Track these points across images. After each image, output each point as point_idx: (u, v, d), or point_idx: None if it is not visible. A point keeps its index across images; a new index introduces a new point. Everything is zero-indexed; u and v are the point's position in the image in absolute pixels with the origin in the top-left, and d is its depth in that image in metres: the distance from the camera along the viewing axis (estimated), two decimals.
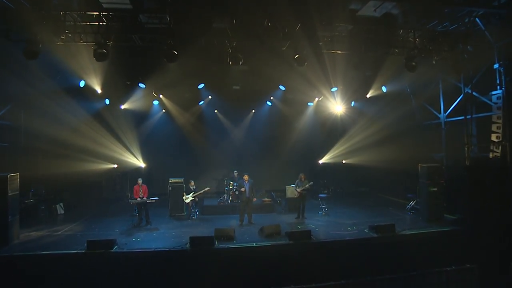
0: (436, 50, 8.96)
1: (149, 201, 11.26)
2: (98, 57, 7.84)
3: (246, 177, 11.60)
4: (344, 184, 17.58)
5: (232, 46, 8.35)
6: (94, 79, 11.85)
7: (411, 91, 13.67)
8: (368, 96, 13.66)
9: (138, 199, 11.24)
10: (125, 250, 8.45)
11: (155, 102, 15.04)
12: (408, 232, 9.81)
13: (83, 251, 8.16)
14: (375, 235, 9.59)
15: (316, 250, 9.04)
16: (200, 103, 15.38)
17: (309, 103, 15.80)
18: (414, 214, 12.09)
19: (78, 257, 8.10)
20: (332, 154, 16.11)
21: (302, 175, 12.11)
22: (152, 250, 8.53)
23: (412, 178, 14.21)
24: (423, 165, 11.51)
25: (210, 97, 14.66)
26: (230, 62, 8.53)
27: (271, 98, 15.15)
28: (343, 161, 16.61)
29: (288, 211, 13.04)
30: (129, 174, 15.55)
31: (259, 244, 9.09)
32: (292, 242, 9.15)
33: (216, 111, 16.12)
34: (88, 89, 12.21)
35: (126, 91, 13.40)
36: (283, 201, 14.09)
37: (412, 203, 12.50)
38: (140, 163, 15.19)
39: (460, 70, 9.75)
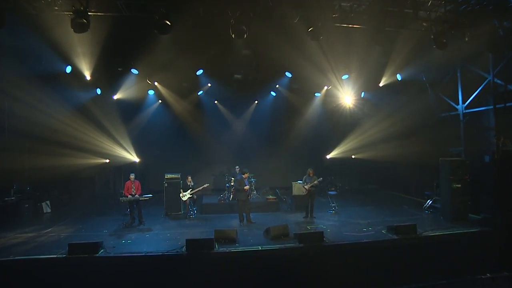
0: (469, 26, 7.84)
1: (142, 198, 10.22)
2: (77, 28, 6.75)
3: (246, 175, 10.64)
4: (352, 180, 16.58)
5: (235, 17, 7.24)
6: (83, 65, 10.76)
7: (427, 80, 12.58)
8: (381, 84, 12.55)
9: (130, 196, 10.21)
10: (112, 255, 7.41)
11: (150, 92, 13.98)
12: (431, 234, 8.77)
13: (64, 256, 7.12)
14: (395, 237, 8.56)
15: (329, 254, 8.07)
16: (199, 93, 14.31)
17: (316, 94, 14.73)
18: (432, 213, 11.06)
19: (57, 263, 7.07)
20: (341, 149, 15.05)
21: (310, 170, 11.13)
22: (143, 254, 7.50)
23: (427, 174, 13.37)
24: (445, 158, 10.44)
25: (209, 84, 13.58)
26: (233, 35, 7.42)
27: (277, 86, 14.01)
28: (352, 156, 15.59)
29: (294, 210, 12.07)
30: (123, 170, 14.56)
31: (265, 247, 8.06)
32: (303, 245, 8.15)
33: (216, 102, 15.12)
34: (76, 75, 11.12)
35: (118, 79, 12.29)
36: (289, 199, 13.08)
37: (429, 201, 11.45)
38: (134, 157, 14.16)
39: (496, 49, 8.63)
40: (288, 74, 12.89)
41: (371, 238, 8.57)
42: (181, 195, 11.28)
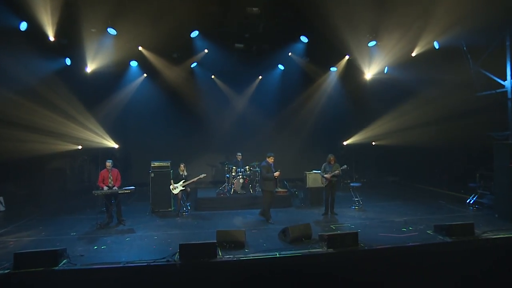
0: None
1: (121, 191, 8.58)
2: None
3: (271, 158, 8.98)
4: (368, 171, 15.16)
5: None
6: (44, 20, 8.93)
7: (468, 50, 11.05)
8: (414, 54, 10.98)
9: (106, 188, 8.54)
10: (78, 267, 5.76)
11: (133, 64, 12.23)
12: (492, 236, 7.31)
13: (7, 271, 5.42)
14: (448, 240, 7.10)
15: (367, 262, 6.60)
16: (192, 65, 12.59)
17: (332, 68, 13.13)
18: (480, 210, 9.66)
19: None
20: (362, 135, 13.59)
21: (331, 157, 9.71)
22: (122, 265, 5.87)
23: (463, 164, 12.01)
24: (502, 142, 9.00)
25: (206, 50, 11.85)
26: None
27: (289, 54, 12.30)
28: (373, 143, 14.14)
29: (310, 205, 10.68)
30: (100, 159, 12.83)
31: (284, 253, 6.53)
32: (333, 250, 6.64)
33: (213, 76, 13.49)
34: (36, 35, 9.24)
35: (92, 43, 10.46)
36: (301, 193, 11.58)
37: (475, 196, 10.02)
38: (112, 143, 12.46)
39: None
40: (303, 39, 11.17)
41: (417, 241, 7.09)
42: (171, 187, 9.68)
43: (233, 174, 11.13)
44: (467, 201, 10.08)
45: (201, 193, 11.03)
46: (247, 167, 11.22)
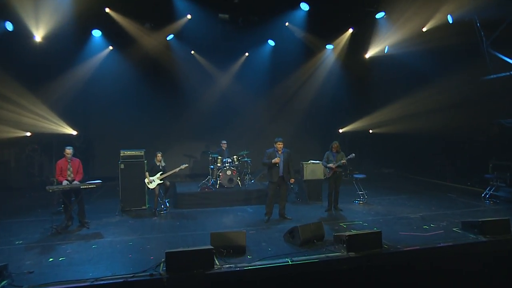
0: None
1: (85, 186, 7.18)
2: None
3: (280, 144, 7.89)
4: (366, 162, 14.53)
5: None
6: None
7: (481, 26, 10.49)
8: (425, 29, 10.28)
9: (65, 183, 7.12)
10: None
11: (96, 33, 10.66)
12: None
13: None
14: (482, 238, 6.40)
15: (396, 266, 5.76)
16: (168, 37, 11.27)
17: (328, 46, 12.22)
18: (497, 204, 9.13)
19: None
20: (358, 122, 12.87)
21: (335, 144, 8.92)
22: (89, 284, 4.60)
23: (466, 154, 11.71)
24: None
25: (189, 16, 10.52)
26: None
27: (286, 24, 11.22)
28: (370, 131, 13.49)
29: (307, 200, 9.84)
30: (55, 148, 11.24)
31: (297, 260, 5.51)
32: (354, 253, 5.74)
33: (193, 52, 12.24)
34: None
35: (42, 3, 8.81)
36: (296, 186, 10.66)
37: (492, 188, 9.50)
38: (69, 130, 10.89)
39: None
40: (304, 6, 10.07)
41: (449, 241, 6.32)
42: (146, 181, 8.40)
43: (219, 165, 10.00)
44: (483, 195, 9.56)
45: (180, 188, 9.79)
46: (235, 156, 10.11)
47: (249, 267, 5.26)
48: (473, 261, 6.03)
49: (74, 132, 11.20)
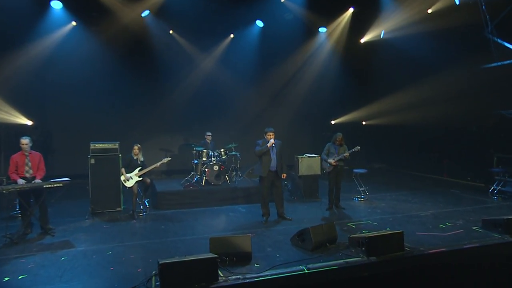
0: None
1: (48, 185, 6.27)
2: None
3: (271, 134, 7.29)
4: (358, 156, 14.33)
5: None
6: None
7: (487, 9, 10.38)
8: (430, 10, 10.05)
9: (21, 181, 6.17)
10: None
11: (56, 5, 9.63)
12: None
13: None
14: (510, 238, 6.14)
15: (423, 272, 5.38)
16: (143, 14, 10.50)
17: (321, 29, 11.78)
18: (506, 200, 9.02)
19: None
20: (354, 113, 12.62)
21: (339, 137, 8.51)
22: None
23: (463, 147, 11.63)
24: None
25: None
26: None
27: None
28: (363, 123, 13.25)
29: (303, 198, 9.42)
30: (3, 140, 10.14)
31: (313, 267, 4.96)
32: (375, 258, 5.29)
33: (171, 31, 11.45)
34: None
35: None
36: (288, 183, 10.20)
37: (499, 183, 9.38)
38: (21, 119, 9.84)
39: None
40: None
41: (475, 242, 6.00)
42: (122, 178, 7.56)
43: (204, 159, 9.28)
44: (490, 190, 9.45)
45: (160, 186, 8.99)
46: (222, 150, 9.43)
47: (260, 278, 4.69)
48: (507, 262, 5.74)
49: (29, 122, 10.06)
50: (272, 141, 7.16)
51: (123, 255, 5.37)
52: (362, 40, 11.66)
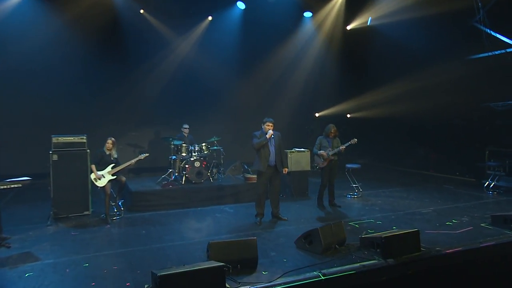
0: None
1: (4, 186, 5.52)
2: None
3: (270, 125, 6.91)
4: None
5: None
6: None
7: None
8: None
9: None
10: None
11: None
12: None
13: None
14: None
15: (444, 273, 5.20)
16: None
17: (306, 13, 11.49)
18: (501, 195, 9.16)
19: None
20: (338, 106, 12.48)
21: (333, 129, 8.18)
22: None
23: (449, 140, 11.82)
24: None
25: None
26: None
27: None
28: (348, 115, 13.16)
29: (293, 196, 9.17)
30: None
31: (329, 273, 4.62)
32: (393, 260, 5.04)
33: (142, 11, 10.73)
34: None
35: None
36: None
37: (494, 177, 9.53)
38: None
39: None
40: None
41: (489, 239, 5.91)
42: (93, 177, 6.83)
43: (184, 154, 8.69)
44: (485, 185, 9.57)
45: (134, 186, 8.29)
46: (203, 144, 8.87)
47: (274, 287, 4.25)
48: None
49: None
50: (271, 132, 6.77)
51: (103, 267, 4.72)
52: (349, 27, 11.49)
